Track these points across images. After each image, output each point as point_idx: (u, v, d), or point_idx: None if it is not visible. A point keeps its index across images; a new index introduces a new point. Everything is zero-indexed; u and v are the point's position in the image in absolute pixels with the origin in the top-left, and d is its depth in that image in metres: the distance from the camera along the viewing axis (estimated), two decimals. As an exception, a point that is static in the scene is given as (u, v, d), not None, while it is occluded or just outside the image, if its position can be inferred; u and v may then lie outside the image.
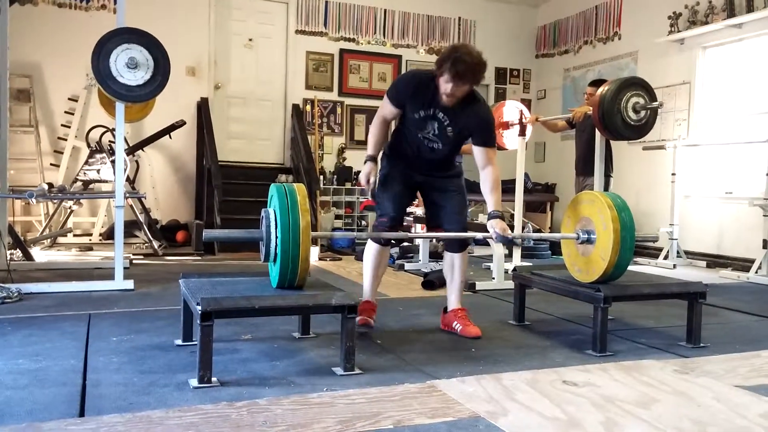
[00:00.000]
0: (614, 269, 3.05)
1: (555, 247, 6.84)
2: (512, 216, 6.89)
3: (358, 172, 8.36)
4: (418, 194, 3.54)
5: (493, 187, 3.21)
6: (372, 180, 3.22)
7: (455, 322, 3.35)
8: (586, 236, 3.17)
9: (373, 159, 3.26)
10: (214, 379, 2.40)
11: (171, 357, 2.75)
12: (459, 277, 3.43)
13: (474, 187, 8.25)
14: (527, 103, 9.50)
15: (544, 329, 3.52)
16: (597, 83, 5.87)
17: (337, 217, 8.07)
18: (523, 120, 5.68)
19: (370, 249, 3.41)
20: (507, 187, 8.15)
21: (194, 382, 2.38)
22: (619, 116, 4.63)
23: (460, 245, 3.39)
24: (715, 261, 6.59)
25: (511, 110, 5.82)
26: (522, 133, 5.70)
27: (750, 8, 6.26)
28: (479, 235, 3.41)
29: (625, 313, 3.83)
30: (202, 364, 2.37)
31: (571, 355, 2.97)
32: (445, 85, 3.04)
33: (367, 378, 2.51)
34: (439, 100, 3.12)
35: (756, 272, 5.61)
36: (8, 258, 4.69)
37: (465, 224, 3.40)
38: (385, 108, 3.30)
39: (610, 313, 3.13)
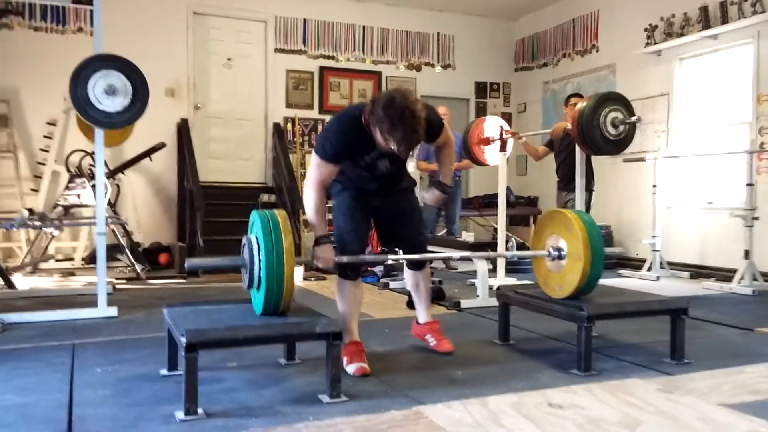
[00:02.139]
0: (587, 283, 3.12)
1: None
2: (495, 230, 6.98)
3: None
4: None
5: (448, 159, 3.29)
6: (333, 262, 2.93)
7: (428, 335, 3.39)
8: (557, 253, 3.23)
9: (328, 237, 2.93)
10: (200, 410, 2.39)
11: (157, 388, 2.73)
12: (425, 292, 3.46)
13: (464, 204, 8.29)
14: (507, 116, 9.59)
15: (529, 348, 3.53)
16: (577, 96, 5.96)
17: (321, 234, 8.05)
18: (504, 135, 5.72)
19: (343, 287, 3.15)
20: (490, 201, 8.25)
21: (180, 414, 2.36)
22: (598, 131, 4.68)
23: (421, 262, 3.36)
24: (698, 271, 6.64)
25: (491, 126, 5.86)
26: (503, 148, 5.75)
27: (724, 20, 6.36)
28: (456, 255, 3.44)
29: (609, 329, 3.85)
30: (187, 396, 2.35)
31: (556, 375, 2.99)
32: (387, 145, 2.81)
33: (354, 405, 2.51)
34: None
35: (738, 283, 5.66)
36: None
37: (426, 241, 3.39)
38: (322, 170, 2.93)
39: (594, 329, 3.16)
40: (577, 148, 5.21)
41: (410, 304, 4.81)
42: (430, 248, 4.10)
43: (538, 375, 2.98)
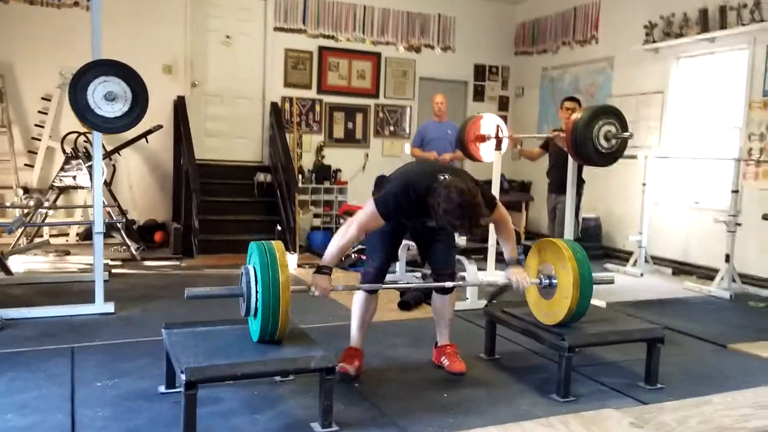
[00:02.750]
0: (572, 317, 3.27)
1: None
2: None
3: (337, 170, 8.56)
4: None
5: (509, 236, 3.36)
6: (329, 290, 3.02)
7: (443, 357, 3.56)
8: (548, 281, 3.36)
9: (329, 269, 3.04)
10: (198, 440, 2.52)
11: (156, 410, 2.86)
12: (448, 315, 3.61)
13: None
14: (505, 100, 9.63)
15: (513, 365, 3.68)
16: (572, 100, 6.02)
17: (316, 215, 8.17)
18: (500, 134, 5.79)
19: (358, 297, 3.45)
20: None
21: (179, 444, 2.50)
22: (590, 144, 4.74)
23: (448, 289, 3.55)
24: (680, 268, 6.82)
25: (488, 124, 5.91)
26: (498, 147, 5.82)
27: (723, 24, 6.39)
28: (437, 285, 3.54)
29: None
30: (186, 428, 2.49)
31: (536, 400, 3.15)
32: (447, 226, 3.02)
33: (344, 436, 2.66)
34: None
35: (718, 285, 5.83)
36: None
37: (453, 266, 3.55)
38: (372, 220, 3.10)
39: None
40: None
41: (401, 305, 4.97)
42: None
43: (520, 401, 3.14)
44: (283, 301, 2.72)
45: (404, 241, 4.38)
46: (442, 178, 3.00)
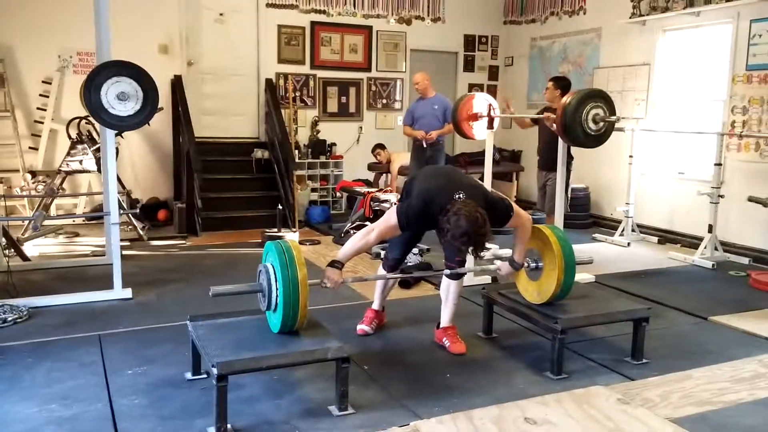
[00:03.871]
0: (562, 290, 3.58)
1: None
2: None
3: (332, 144, 8.73)
4: None
5: (523, 240, 3.63)
6: (339, 283, 3.31)
7: (445, 338, 3.87)
8: (535, 264, 3.67)
9: (341, 264, 3.32)
10: (228, 426, 2.80)
11: (185, 397, 3.13)
12: (453, 299, 3.92)
13: (451, 162, 8.61)
14: (495, 69, 9.78)
15: (509, 343, 3.98)
16: (558, 80, 6.22)
17: (313, 190, 8.38)
18: (491, 113, 5.99)
19: (381, 272, 4.02)
20: (476, 159, 8.57)
21: (212, 430, 2.77)
22: (579, 126, 4.96)
23: (457, 275, 3.86)
24: (665, 236, 7.12)
25: (480, 102, 6.11)
26: (490, 125, 6.02)
27: (707, -1, 6.57)
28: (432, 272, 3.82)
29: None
30: (219, 416, 2.76)
31: (532, 379, 3.45)
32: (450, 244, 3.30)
33: (360, 419, 2.94)
34: None
35: (701, 255, 6.14)
36: (8, 263, 4.93)
37: (463, 255, 3.77)
38: (391, 231, 3.44)
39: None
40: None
41: (401, 284, 5.23)
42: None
43: (517, 379, 3.44)
44: (302, 296, 2.97)
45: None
46: (457, 197, 3.28)
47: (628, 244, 6.94)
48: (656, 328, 4.15)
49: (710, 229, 6.15)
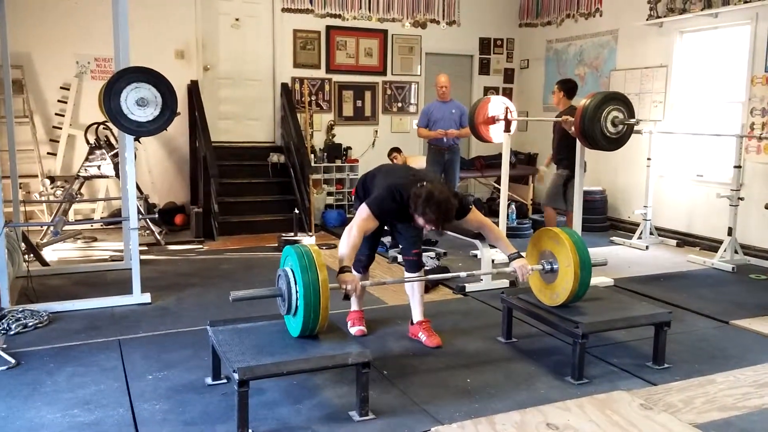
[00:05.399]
0: (578, 292, 3.56)
1: (537, 226, 7.23)
2: (495, 189, 7.32)
3: (348, 147, 8.72)
4: None
5: (497, 237, 3.73)
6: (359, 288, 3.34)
7: (420, 333, 3.98)
8: (549, 266, 3.66)
9: (350, 269, 3.36)
10: (250, 431, 2.80)
11: (206, 402, 3.14)
12: (418, 292, 4.05)
13: (467, 165, 8.72)
14: (510, 72, 9.75)
15: (529, 348, 3.95)
16: (562, 83, 6.20)
17: (329, 194, 8.39)
18: (509, 116, 5.96)
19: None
20: (492, 163, 8.55)
21: (234, 436, 2.78)
22: (598, 128, 4.94)
23: (416, 267, 4.00)
24: (684, 239, 7.05)
25: (496, 106, 6.09)
26: (507, 129, 6.00)
27: (726, 0, 6.49)
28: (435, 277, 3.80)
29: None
30: (240, 422, 2.76)
31: (553, 383, 3.42)
32: (423, 226, 3.50)
33: (381, 424, 2.93)
34: None
35: (721, 258, 6.08)
36: (28, 268, 4.97)
37: (420, 249, 4.04)
38: (368, 223, 3.53)
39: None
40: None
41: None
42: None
43: (538, 384, 3.41)
44: (323, 299, 2.97)
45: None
46: (424, 183, 3.41)
47: (647, 247, 6.89)
48: (677, 332, 4.11)
49: (730, 231, 6.09)
